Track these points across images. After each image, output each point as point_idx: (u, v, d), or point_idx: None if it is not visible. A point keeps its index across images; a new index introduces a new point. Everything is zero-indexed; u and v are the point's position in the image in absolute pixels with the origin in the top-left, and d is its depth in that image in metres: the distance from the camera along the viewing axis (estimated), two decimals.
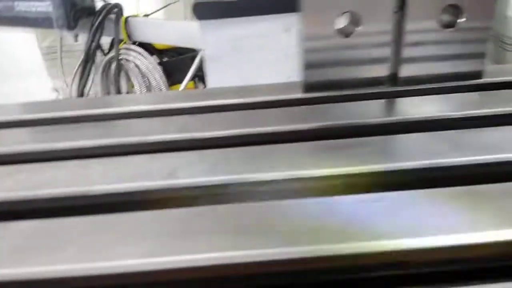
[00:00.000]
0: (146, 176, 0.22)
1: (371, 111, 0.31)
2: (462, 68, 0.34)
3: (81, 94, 0.91)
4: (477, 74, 0.34)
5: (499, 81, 0.34)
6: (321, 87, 0.34)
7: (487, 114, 0.29)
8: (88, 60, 0.87)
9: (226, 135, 0.29)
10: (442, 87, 0.34)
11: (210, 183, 0.22)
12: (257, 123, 0.30)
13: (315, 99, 0.34)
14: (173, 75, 0.89)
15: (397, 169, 0.22)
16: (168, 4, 0.99)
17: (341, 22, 0.33)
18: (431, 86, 0.34)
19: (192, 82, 0.80)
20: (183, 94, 0.37)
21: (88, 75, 0.90)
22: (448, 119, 0.29)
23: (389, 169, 0.22)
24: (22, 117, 0.33)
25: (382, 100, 0.32)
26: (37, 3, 0.84)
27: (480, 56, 0.34)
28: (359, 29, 0.32)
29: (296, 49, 0.35)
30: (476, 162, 0.23)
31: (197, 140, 0.29)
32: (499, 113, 0.29)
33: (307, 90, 0.34)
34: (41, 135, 0.30)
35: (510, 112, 0.29)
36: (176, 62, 0.89)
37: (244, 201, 0.21)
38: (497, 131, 0.26)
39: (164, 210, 0.20)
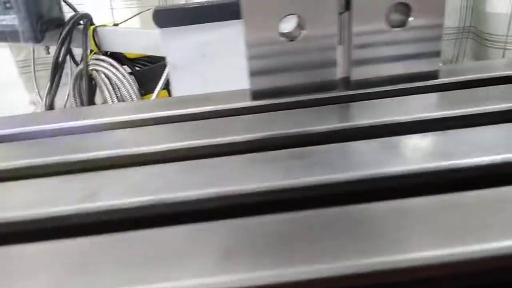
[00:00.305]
0: (57, 200, 0.21)
1: (319, 118, 0.29)
2: (416, 68, 0.33)
3: (50, 107, 0.89)
4: (433, 74, 0.33)
5: (456, 81, 0.33)
6: (270, 94, 0.33)
7: (439, 117, 0.28)
8: (56, 73, 0.85)
9: (163, 149, 0.27)
10: (396, 89, 0.32)
11: (125, 206, 0.21)
12: (198, 135, 0.28)
13: (263, 107, 0.32)
14: (146, 84, 0.87)
15: (330, 182, 0.21)
16: (140, 12, 0.98)
17: (285, 26, 0.31)
18: (384, 89, 0.32)
19: (165, 91, 0.78)
20: (124, 107, 0.35)
21: (57, 87, 0.87)
22: (398, 123, 0.28)
23: (321, 183, 0.21)
24: None
25: (332, 106, 0.31)
26: (1, 17, 0.82)
27: (434, 55, 0.32)
28: (304, 32, 0.31)
29: None
30: (419, 171, 0.22)
31: (131, 156, 0.27)
32: (451, 116, 0.27)
33: (255, 98, 0.33)
34: None
35: (463, 114, 0.28)
36: (148, 71, 0.87)
37: (159, 226, 0.19)
38: (446, 135, 0.24)
39: (65, 241, 0.18)
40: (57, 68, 0.84)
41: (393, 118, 0.28)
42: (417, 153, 0.23)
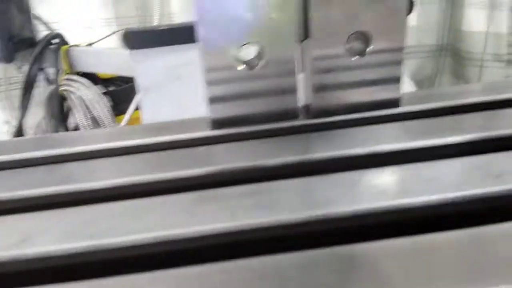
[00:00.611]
0: None
1: (276, 150, 0.28)
2: (378, 95, 0.32)
3: (18, 127, 0.86)
4: (396, 102, 0.32)
5: (418, 110, 0.32)
6: (230, 123, 0.32)
7: (397, 149, 0.27)
8: (26, 93, 0.83)
9: (110, 186, 0.26)
10: (356, 118, 0.32)
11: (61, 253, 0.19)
12: (146, 170, 0.27)
13: (221, 137, 0.31)
14: (119, 104, 0.86)
15: (275, 224, 0.20)
16: (115, 32, 0.96)
17: (243, 54, 0.31)
18: (344, 118, 0.32)
19: (137, 112, 0.77)
20: (71, 137, 0.34)
21: (26, 108, 0.85)
22: (357, 156, 0.27)
23: (265, 226, 0.19)
24: None
25: (291, 136, 0.30)
26: None
27: (394, 80, 0.32)
28: (264, 60, 0.30)
29: None
30: (373, 211, 0.21)
31: (75, 193, 0.26)
32: (409, 148, 0.27)
33: (214, 127, 0.32)
34: None
35: (421, 147, 0.27)
36: (122, 91, 0.86)
37: (93, 274, 0.18)
38: (405, 171, 0.24)
39: None
40: (27, 88, 0.82)
41: (352, 150, 0.27)
42: (371, 190, 0.22)
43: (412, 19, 1.25)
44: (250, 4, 0.28)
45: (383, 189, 0.22)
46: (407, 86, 0.68)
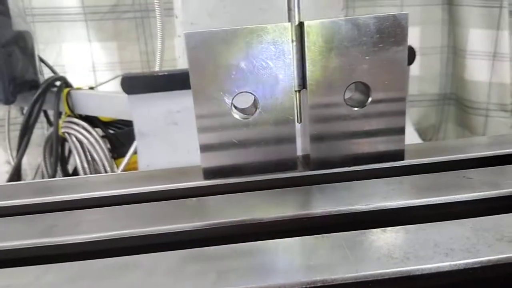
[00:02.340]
0: None
1: (270, 204, 0.26)
2: (380, 147, 0.31)
3: (16, 168, 0.85)
4: (399, 154, 0.31)
5: (421, 163, 0.31)
6: (223, 173, 0.30)
7: (399, 206, 0.25)
8: (24, 135, 0.82)
9: (95, 239, 0.24)
10: (357, 171, 0.30)
11: None
12: (132, 223, 0.25)
13: (213, 187, 0.29)
14: (119, 147, 0.85)
15: None
16: (117, 76, 0.97)
17: (240, 103, 0.29)
18: (345, 170, 0.30)
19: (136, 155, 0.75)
20: (60, 184, 0.32)
21: (25, 149, 0.85)
22: (355, 213, 0.25)
23: None
24: None
25: (287, 189, 0.28)
26: None
27: (397, 131, 0.30)
28: (259, 110, 0.29)
29: None
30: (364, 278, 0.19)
31: (57, 247, 0.24)
32: (412, 205, 0.25)
33: (207, 177, 0.30)
34: None
35: (424, 204, 0.25)
36: (121, 134, 0.85)
37: None
38: (409, 232, 0.22)
39: None
40: (26, 130, 0.82)
41: (354, 207, 0.25)
42: (374, 253, 0.20)
43: (415, 69, 1.26)
44: (244, 54, 0.27)
45: (386, 252, 0.20)
46: (411, 137, 0.67)
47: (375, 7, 1.18)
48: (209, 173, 0.30)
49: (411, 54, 0.63)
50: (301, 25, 0.28)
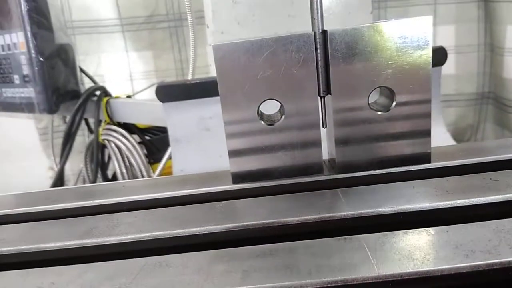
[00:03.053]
0: None
1: (296, 207, 0.27)
2: (406, 150, 0.31)
3: (59, 174, 0.89)
4: (424, 157, 0.31)
5: (449, 165, 0.31)
6: (251, 177, 0.31)
7: (424, 209, 0.25)
8: (67, 142, 0.87)
9: (129, 240, 0.26)
10: (383, 174, 0.30)
11: None
12: (164, 225, 0.26)
13: (242, 191, 0.31)
14: (155, 153, 0.88)
15: None
16: (153, 84, 1.00)
17: (265, 108, 0.31)
18: (371, 173, 0.30)
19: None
20: (91, 190, 0.34)
21: (67, 156, 0.89)
22: (380, 216, 0.25)
23: None
24: None
25: (312, 193, 0.29)
26: (21, 89, 0.86)
27: (423, 134, 0.30)
28: (284, 116, 0.30)
29: None
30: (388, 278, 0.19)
31: (96, 247, 0.25)
32: (438, 208, 0.25)
33: (235, 181, 0.31)
34: None
35: (450, 207, 0.25)
36: (157, 141, 0.88)
37: None
38: (433, 234, 0.22)
39: None
40: (68, 138, 0.86)
41: (375, 209, 0.25)
42: (386, 254, 0.21)
43: (450, 68, 1.23)
44: (269, 63, 0.28)
45: (407, 254, 0.20)
46: (444, 138, 0.66)
47: (407, 7, 1.17)
48: (238, 177, 0.31)
49: (443, 55, 0.62)
50: (324, 33, 0.29)
